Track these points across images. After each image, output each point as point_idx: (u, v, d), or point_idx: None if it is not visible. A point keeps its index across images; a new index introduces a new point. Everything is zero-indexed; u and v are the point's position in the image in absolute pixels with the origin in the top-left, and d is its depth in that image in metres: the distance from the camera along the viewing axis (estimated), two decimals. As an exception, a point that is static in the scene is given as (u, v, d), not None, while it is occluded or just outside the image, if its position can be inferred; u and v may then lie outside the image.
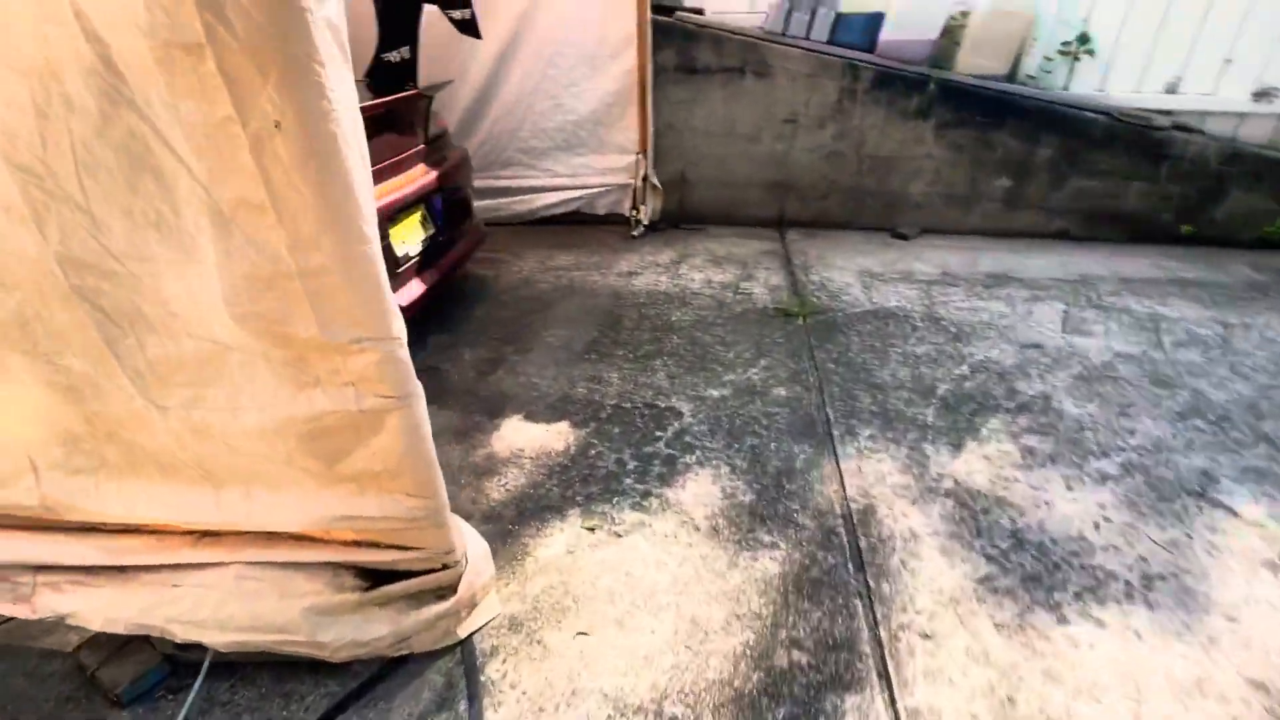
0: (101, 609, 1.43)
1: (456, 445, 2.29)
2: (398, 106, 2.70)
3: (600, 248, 4.12)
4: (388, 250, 2.51)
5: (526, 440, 2.31)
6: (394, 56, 3.00)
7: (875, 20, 4.10)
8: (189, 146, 0.96)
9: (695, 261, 3.89)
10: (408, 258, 2.65)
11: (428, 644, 1.52)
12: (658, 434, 2.33)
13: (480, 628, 1.60)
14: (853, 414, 2.43)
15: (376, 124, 2.57)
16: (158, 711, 1.45)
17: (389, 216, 2.53)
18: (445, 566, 1.49)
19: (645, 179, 4.30)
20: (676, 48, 4.02)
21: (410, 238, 2.68)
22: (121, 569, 1.48)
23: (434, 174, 2.87)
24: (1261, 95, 4.09)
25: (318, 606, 1.41)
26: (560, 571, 1.77)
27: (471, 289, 3.57)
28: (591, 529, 1.91)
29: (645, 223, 4.37)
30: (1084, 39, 4.13)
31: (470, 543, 1.59)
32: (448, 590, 1.52)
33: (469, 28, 3.18)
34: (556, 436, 2.33)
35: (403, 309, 2.56)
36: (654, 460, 2.19)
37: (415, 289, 2.67)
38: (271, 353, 1.16)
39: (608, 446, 2.26)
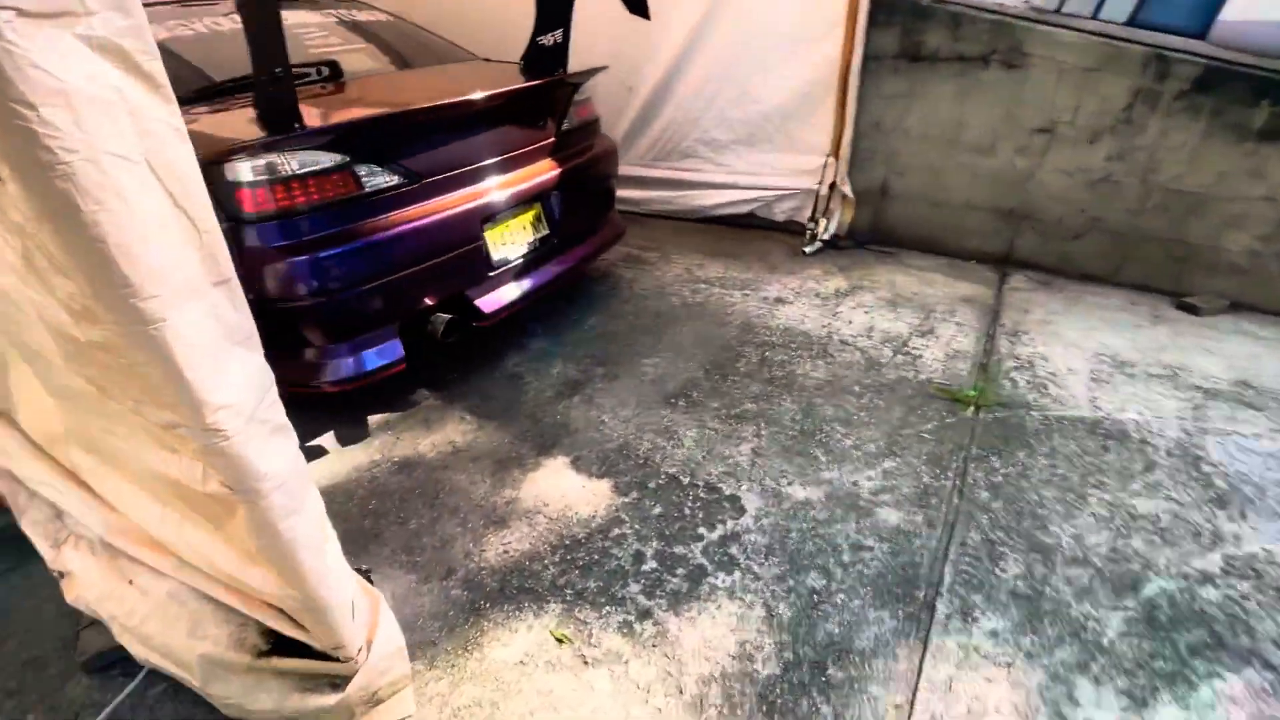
0: (80, 582, 1.52)
1: (487, 479, 2.10)
2: (524, 96, 2.50)
3: (759, 262, 3.58)
4: (481, 253, 2.37)
5: (557, 493, 2.03)
6: (547, 40, 2.80)
7: (1220, -10, 2.79)
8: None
9: (866, 298, 3.15)
10: (504, 263, 2.49)
11: (318, 728, 1.36)
12: (701, 532, 1.86)
13: (384, 726, 1.40)
14: (983, 585, 1.68)
15: (492, 117, 2.41)
16: (105, 688, 1.52)
17: (487, 217, 2.38)
18: (335, 659, 1.29)
19: (834, 186, 3.61)
20: (900, 29, 3.20)
21: (512, 240, 2.52)
22: (111, 548, 1.56)
23: (557, 170, 2.65)
24: None
25: (210, 657, 1.32)
26: (498, 686, 1.48)
27: (601, 290, 3.34)
28: (560, 640, 1.58)
29: (824, 238, 3.69)
30: None
31: (382, 636, 1.37)
32: (341, 681, 1.33)
33: (638, 7, 2.85)
34: (589, 498, 2.00)
35: (487, 315, 2.48)
36: (679, 567, 1.75)
37: (505, 296, 2.50)
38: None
39: (636, 530, 1.88)
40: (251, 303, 1.98)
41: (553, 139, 2.68)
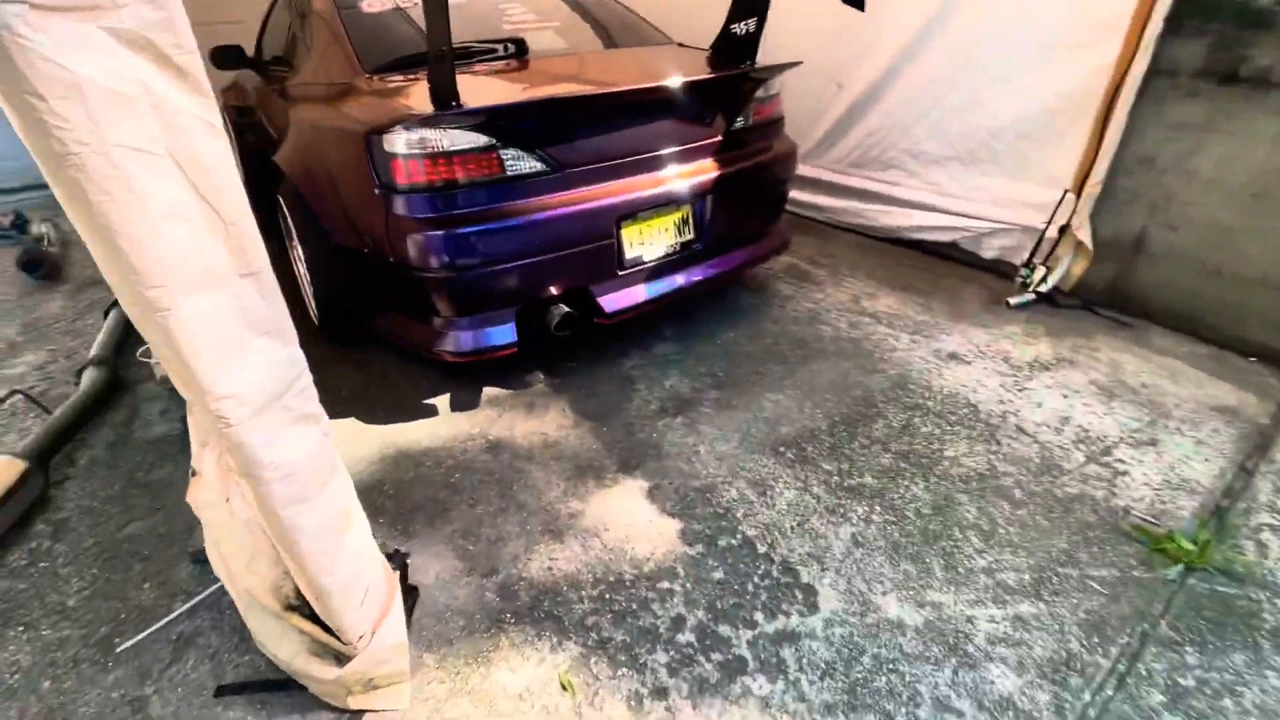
0: (200, 484, 1.75)
1: (561, 483, 2.04)
2: (696, 89, 2.32)
3: (946, 305, 3.04)
4: (612, 250, 2.28)
5: (621, 521, 1.90)
6: (740, 29, 2.57)
7: None
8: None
9: (1072, 377, 2.50)
10: (637, 262, 2.37)
11: (318, 693, 1.42)
12: (757, 618, 1.61)
13: (378, 711, 1.42)
14: (1111, 827, 1.22)
15: (654, 109, 2.28)
16: (202, 580, 1.74)
17: (626, 215, 2.27)
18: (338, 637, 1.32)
19: (1066, 228, 2.91)
20: (1213, 38, 2.40)
21: (650, 241, 2.38)
22: (225, 464, 1.78)
23: (715, 173, 2.44)
24: None
25: (252, 592, 1.43)
26: (491, 713, 1.42)
27: (750, 302, 3.09)
28: (565, 687, 1.47)
29: (1040, 289, 3.02)
30: None
31: (387, 627, 1.37)
32: (344, 659, 1.36)
33: (852, -3, 2.49)
34: (651, 536, 1.85)
35: (608, 314, 2.39)
36: (717, 651, 1.53)
37: (632, 297, 2.40)
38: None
39: (687, 590, 1.69)
40: (392, 267, 2.13)
41: (719, 138, 2.47)
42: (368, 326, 2.53)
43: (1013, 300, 3.03)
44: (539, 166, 2.09)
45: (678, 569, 1.75)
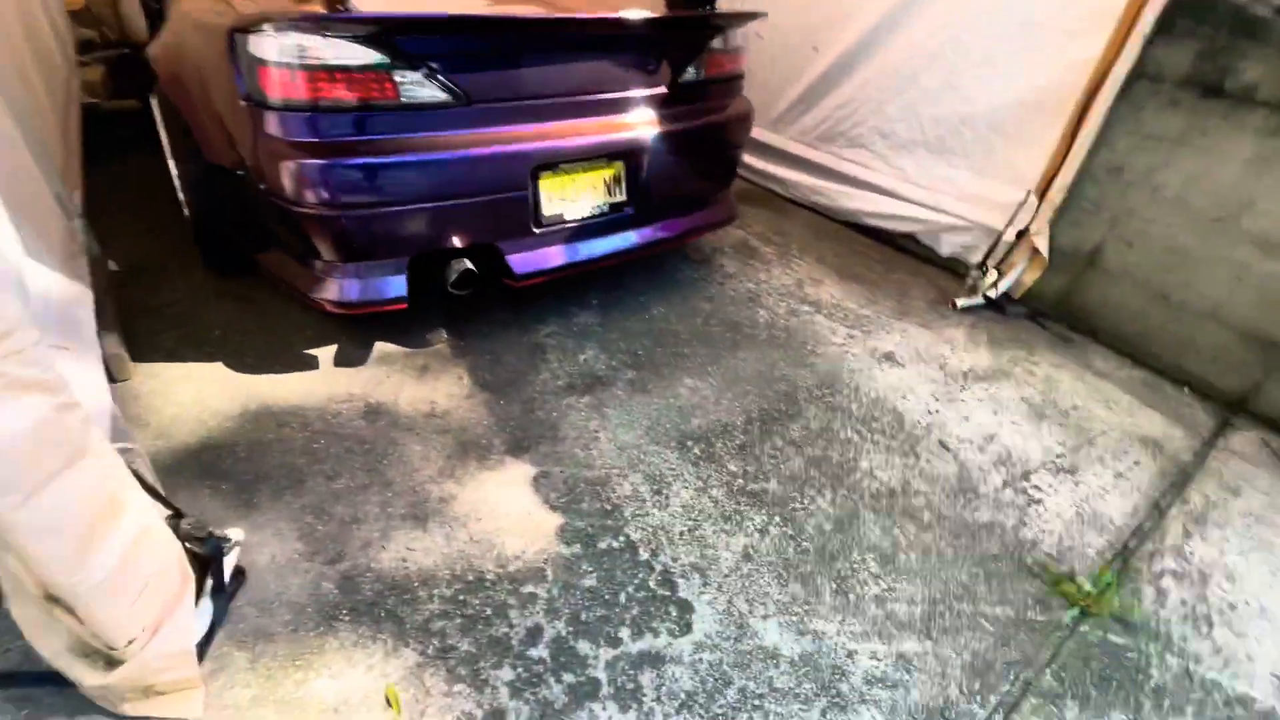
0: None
1: (439, 461, 1.83)
2: (634, 29, 2.03)
3: (892, 300, 2.88)
4: (526, 203, 2.02)
5: (496, 511, 1.72)
6: (701, -35, 2.27)
7: None
8: None
9: (1005, 392, 2.39)
10: (557, 221, 2.12)
11: (89, 696, 1.21)
12: (622, 634, 1.46)
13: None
14: None
15: (587, 46, 1.99)
16: None
17: (544, 165, 2.00)
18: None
19: (1024, 233, 2.75)
20: (1203, 45, 2.22)
21: (573, 197, 2.13)
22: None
23: (658, 128, 2.18)
24: None
25: (17, 573, 1.20)
26: (295, 730, 1.24)
27: (687, 275, 2.88)
28: (390, 702, 1.29)
29: (989, 294, 2.88)
30: None
31: (170, 630, 1.16)
32: (114, 662, 1.15)
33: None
34: (526, 532, 1.67)
35: (519, 276, 2.14)
36: (569, 671, 1.38)
37: (548, 259, 2.15)
38: None
39: (550, 597, 1.52)
40: (266, 195, 1.83)
41: (663, 89, 2.20)
42: (250, 259, 2.23)
43: (960, 302, 2.89)
44: (442, 96, 1.79)
45: (547, 571, 1.58)
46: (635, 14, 1.97)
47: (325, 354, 2.20)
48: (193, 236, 2.42)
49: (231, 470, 1.75)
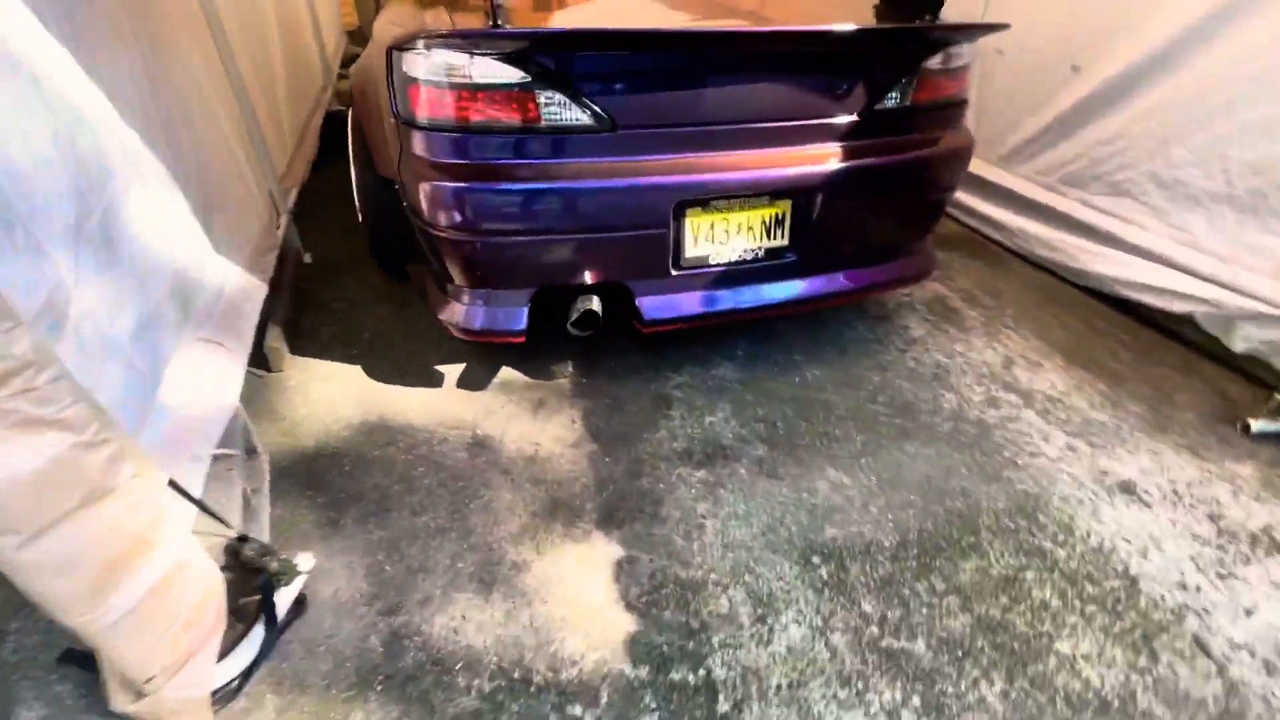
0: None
1: (523, 517, 1.66)
2: (827, 44, 1.66)
3: (1145, 405, 2.13)
4: (663, 242, 1.76)
5: (567, 595, 1.48)
6: (926, -34, 1.83)
7: None
8: None
9: (1323, 578, 1.59)
10: (699, 263, 1.84)
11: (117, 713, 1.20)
12: (670, 813, 1.13)
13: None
14: None
15: (765, 65, 1.68)
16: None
17: (692, 201, 1.73)
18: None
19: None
20: None
21: (721, 237, 1.82)
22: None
23: (840, 163, 1.79)
24: None
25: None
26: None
27: (859, 335, 2.41)
28: (388, 816, 1.12)
29: (1309, 420, 2.00)
30: None
31: (187, 678, 1.09)
32: (140, 695, 1.12)
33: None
34: (591, 632, 1.41)
35: (648, 322, 1.89)
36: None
37: (683, 306, 1.88)
38: None
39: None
40: (408, 211, 1.81)
41: (855, 116, 1.80)
42: (405, 269, 2.29)
43: (1255, 425, 2.04)
44: (586, 120, 1.61)
45: (602, 694, 1.30)
46: (842, 27, 1.61)
47: (452, 372, 2.17)
48: (366, 242, 2.56)
49: (333, 483, 1.74)
